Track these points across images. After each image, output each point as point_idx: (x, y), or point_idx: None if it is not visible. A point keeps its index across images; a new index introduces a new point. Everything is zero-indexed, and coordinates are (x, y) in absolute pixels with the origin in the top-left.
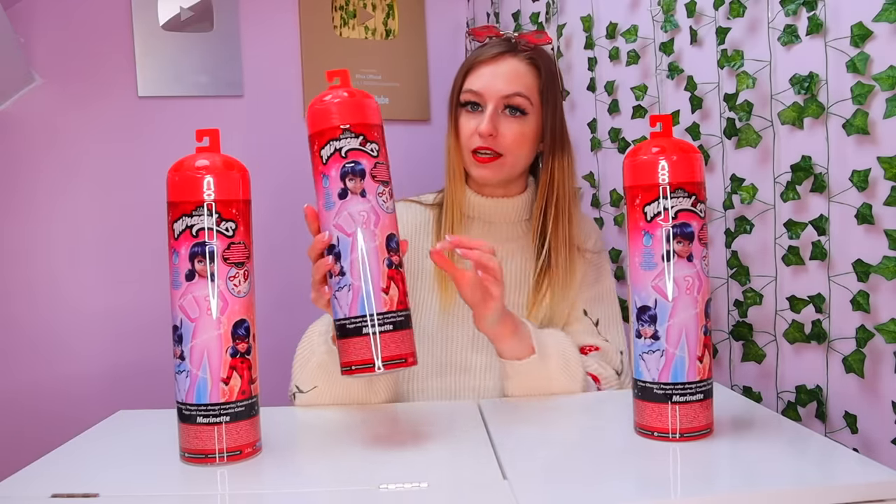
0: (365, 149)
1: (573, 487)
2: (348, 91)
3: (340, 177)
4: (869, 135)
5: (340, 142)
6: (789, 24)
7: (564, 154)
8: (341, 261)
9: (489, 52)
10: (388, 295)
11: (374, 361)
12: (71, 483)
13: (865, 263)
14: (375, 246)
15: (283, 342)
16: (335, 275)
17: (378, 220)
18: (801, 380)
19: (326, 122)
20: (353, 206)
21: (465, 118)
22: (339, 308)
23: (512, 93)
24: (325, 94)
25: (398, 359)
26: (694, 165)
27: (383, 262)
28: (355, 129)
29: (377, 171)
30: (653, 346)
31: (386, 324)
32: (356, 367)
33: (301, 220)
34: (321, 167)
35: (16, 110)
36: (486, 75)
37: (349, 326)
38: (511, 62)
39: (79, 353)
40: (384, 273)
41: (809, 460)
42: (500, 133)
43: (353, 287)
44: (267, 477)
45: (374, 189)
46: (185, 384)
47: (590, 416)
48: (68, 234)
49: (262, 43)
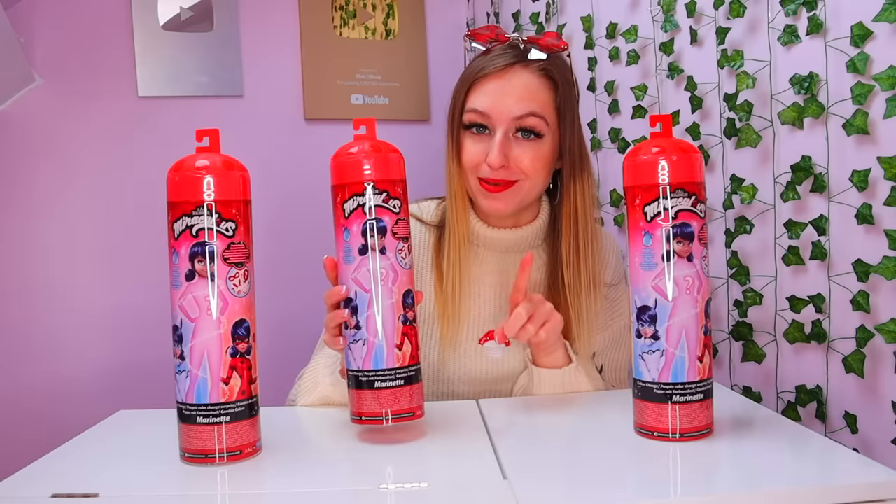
0: (388, 205)
1: (573, 487)
2: (373, 144)
3: (362, 233)
4: (869, 135)
5: (364, 197)
6: (789, 24)
7: (584, 173)
8: (357, 315)
9: (496, 64)
10: (401, 351)
11: (382, 415)
12: (71, 483)
13: (865, 263)
14: (392, 303)
15: (283, 342)
16: (350, 327)
17: (396, 278)
18: (801, 380)
19: (351, 175)
20: (372, 263)
21: (471, 142)
22: (352, 360)
23: (525, 113)
24: (350, 144)
25: (406, 413)
26: (694, 165)
27: (398, 319)
28: (379, 185)
29: (398, 227)
30: (653, 346)
31: (397, 379)
32: (366, 417)
33: (301, 220)
34: (343, 220)
35: (15, 110)
36: (494, 92)
37: (362, 379)
38: (522, 75)
39: (79, 354)
40: (399, 330)
41: (809, 460)
42: (511, 160)
43: (367, 342)
44: (267, 477)
45: (395, 246)
46: (185, 384)
47: (590, 416)
48: (68, 234)
49: (262, 43)
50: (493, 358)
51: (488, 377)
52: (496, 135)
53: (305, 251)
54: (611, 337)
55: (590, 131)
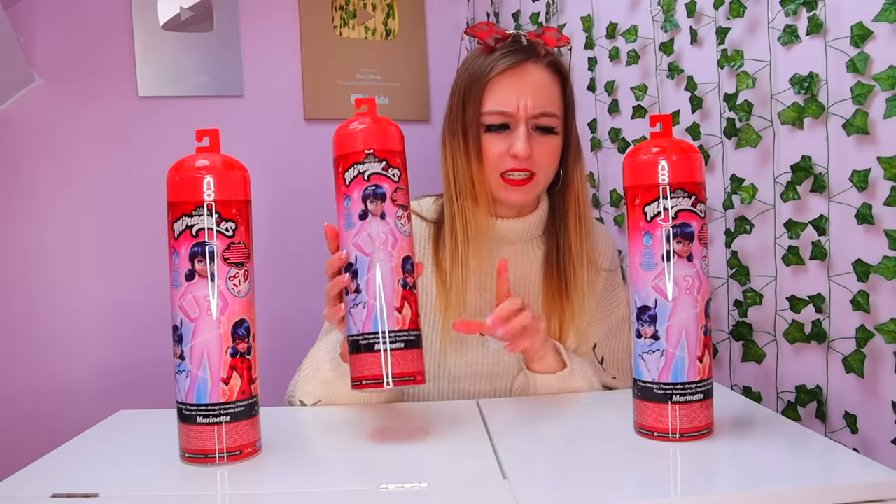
0: (387, 173)
1: (573, 487)
2: (374, 118)
3: (362, 199)
4: (869, 135)
5: (364, 165)
6: (789, 24)
7: (581, 162)
8: (358, 279)
9: (507, 61)
10: (401, 314)
11: (383, 377)
12: (71, 483)
13: (865, 263)
14: (392, 266)
15: (283, 342)
16: (351, 292)
17: (396, 242)
18: (801, 380)
19: (351, 146)
20: (372, 228)
21: (493, 140)
22: (352, 324)
23: (542, 112)
24: (351, 120)
25: (407, 376)
26: (694, 165)
27: (398, 283)
28: (379, 154)
29: (397, 195)
30: (653, 346)
31: (397, 341)
32: (366, 381)
33: (301, 220)
34: (344, 189)
35: (15, 110)
36: (512, 91)
37: (362, 342)
38: (535, 71)
39: (79, 354)
40: (398, 293)
41: (809, 460)
42: (533, 152)
43: (367, 304)
44: (267, 477)
45: (394, 212)
46: (185, 384)
47: (590, 416)
48: (68, 234)
49: (262, 43)
50: (494, 348)
51: (488, 371)
52: (519, 129)
53: (305, 251)
54: (609, 328)
55: (590, 131)
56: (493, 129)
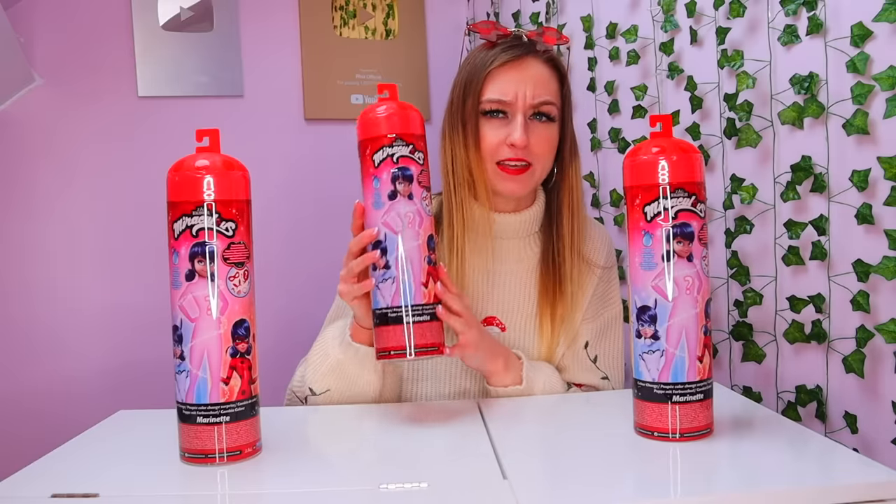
0: (413, 156)
1: (573, 487)
2: (398, 104)
3: (391, 180)
4: (869, 135)
5: (393, 148)
6: (789, 24)
7: (577, 157)
8: (387, 255)
9: (508, 55)
10: (426, 288)
11: (407, 347)
12: (71, 483)
13: (865, 263)
14: (418, 244)
15: (283, 342)
16: (380, 268)
17: (422, 222)
18: (801, 380)
19: (379, 129)
20: (401, 207)
21: (490, 128)
22: (381, 298)
23: (541, 101)
24: (376, 105)
25: (431, 346)
26: (694, 165)
27: (424, 259)
28: (405, 138)
29: (422, 177)
30: (653, 346)
31: (424, 314)
32: (394, 352)
33: (301, 220)
34: (373, 170)
35: (15, 110)
36: (511, 81)
37: (390, 315)
38: (534, 65)
39: (78, 354)
40: (424, 269)
41: (809, 460)
42: (530, 142)
43: (396, 280)
44: (267, 477)
45: (420, 193)
46: (185, 384)
47: (590, 416)
48: (68, 234)
49: (262, 43)
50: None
51: None
52: (517, 118)
53: (306, 251)
54: (601, 326)
55: (590, 131)
56: (491, 115)
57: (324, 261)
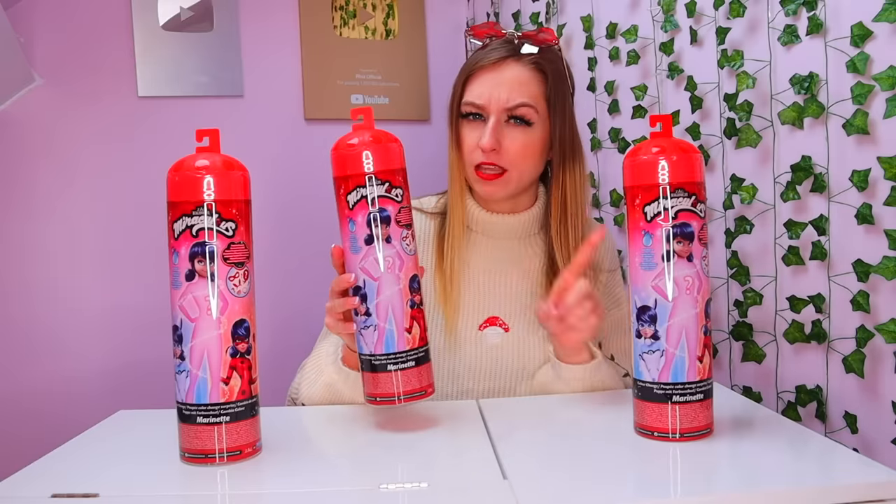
0: (390, 195)
1: (573, 487)
2: (373, 134)
3: (367, 223)
4: (869, 135)
5: (367, 189)
6: (789, 24)
7: (576, 163)
8: (367, 302)
9: (490, 57)
10: (410, 334)
11: (395, 395)
12: (71, 483)
13: (865, 263)
14: (399, 289)
15: (283, 342)
16: (361, 314)
17: (402, 265)
18: (801, 380)
19: (352, 167)
20: (378, 252)
21: (467, 129)
22: (364, 345)
23: (516, 104)
24: (350, 135)
25: (418, 391)
26: (694, 165)
27: (406, 304)
28: (381, 175)
29: (401, 216)
30: (653, 346)
31: (408, 360)
32: (380, 398)
33: (302, 219)
34: (347, 212)
35: (15, 110)
36: (488, 83)
37: (375, 363)
38: (514, 68)
39: (79, 354)
40: (407, 314)
41: (809, 460)
42: (503, 146)
43: (378, 328)
44: (267, 477)
45: (399, 234)
46: (185, 384)
47: (590, 417)
48: (68, 234)
49: (262, 43)
50: (491, 344)
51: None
52: (489, 121)
53: (306, 251)
54: (612, 324)
55: (590, 131)
56: (469, 118)
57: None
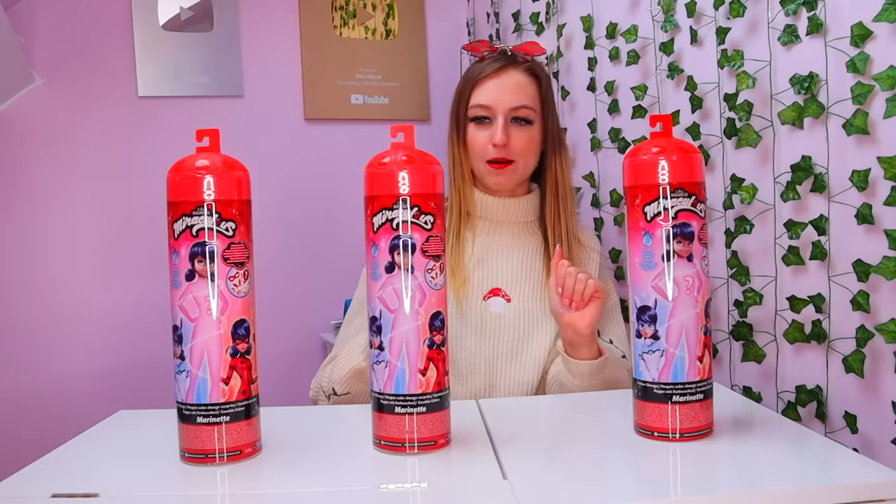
0: (419, 221)
1: (573, 487)
2: (408, 154)
3: (389, 249)
4: (869, 135)
5: (393, 212)
6: (789, 24)
7: (563, 151)
8: (381, 335)
9: (492, 67)
10: (424, 377)
11: (404, 441)
12: (71, 483)
13: (865, 263)
14: (417, 325)
15: (284, 343)
16: (374, 347)
17: (423, 299)
18: (801, 380)
19: (382, 187)
20: (398, 283)
21: (476, 131)
22: (375, 381)
23: (519, 105)
24: (385, 153)
25: (427, 441)
26: (694, 165)
27: (424, 343)
28: (411, 198)
29: (429, 245)
30: (653, 346)
31: (419, 405)
32: (385, 442)
33: (301, 219)
34: (371, 235)
35: (16, 110)
36: (493, 89)
37: (383, 402)
38: (514, 74)
39: (79, 354)
40: (423, 354)
41: (809, 460)
42: (510, 142)
43: (389, 365)
44: (267, 477)
45: (424, 265)
46: (185, 384)
47: (590, 416)
48: (68, 234)
49: (262, 43)
50: (495, 313)
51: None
52: (498, 121)
53: (306, 250)
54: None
55: (590, 131)
56: (478, 120)
57: (324, 260)
